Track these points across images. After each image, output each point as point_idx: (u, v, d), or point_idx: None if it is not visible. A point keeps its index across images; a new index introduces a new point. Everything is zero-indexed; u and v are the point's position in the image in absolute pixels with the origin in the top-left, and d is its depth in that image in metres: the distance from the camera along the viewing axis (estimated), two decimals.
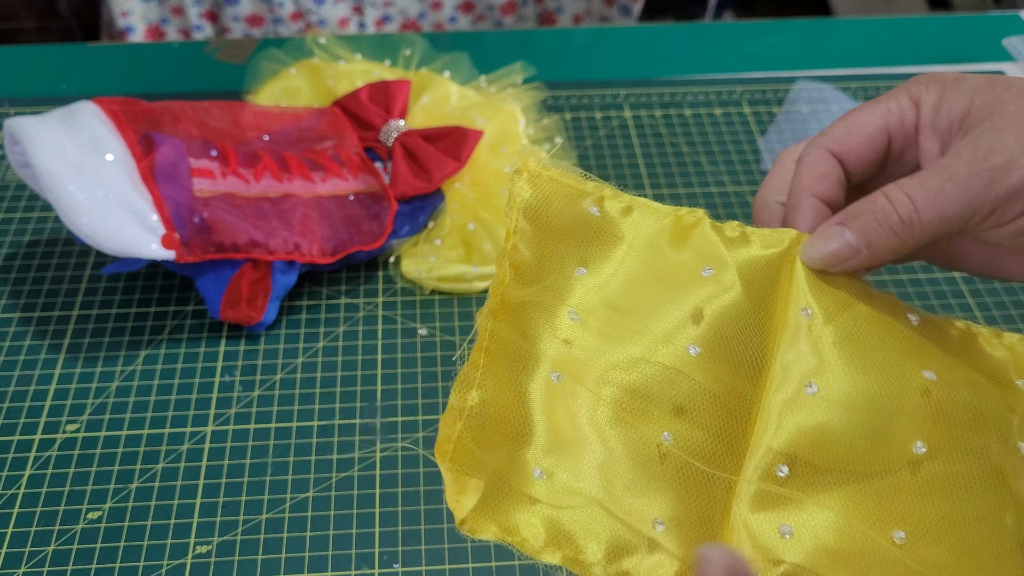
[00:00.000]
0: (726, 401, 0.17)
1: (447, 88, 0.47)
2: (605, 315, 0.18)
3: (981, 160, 0.17)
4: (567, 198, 0.19)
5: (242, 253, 0.37)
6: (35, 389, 0.37)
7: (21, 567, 0.31)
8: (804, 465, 0.17)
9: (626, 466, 0.17)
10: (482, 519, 0.17)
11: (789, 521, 0.17)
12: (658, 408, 0.17)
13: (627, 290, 0.18)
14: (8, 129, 0.36)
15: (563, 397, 0.18)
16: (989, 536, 0.16)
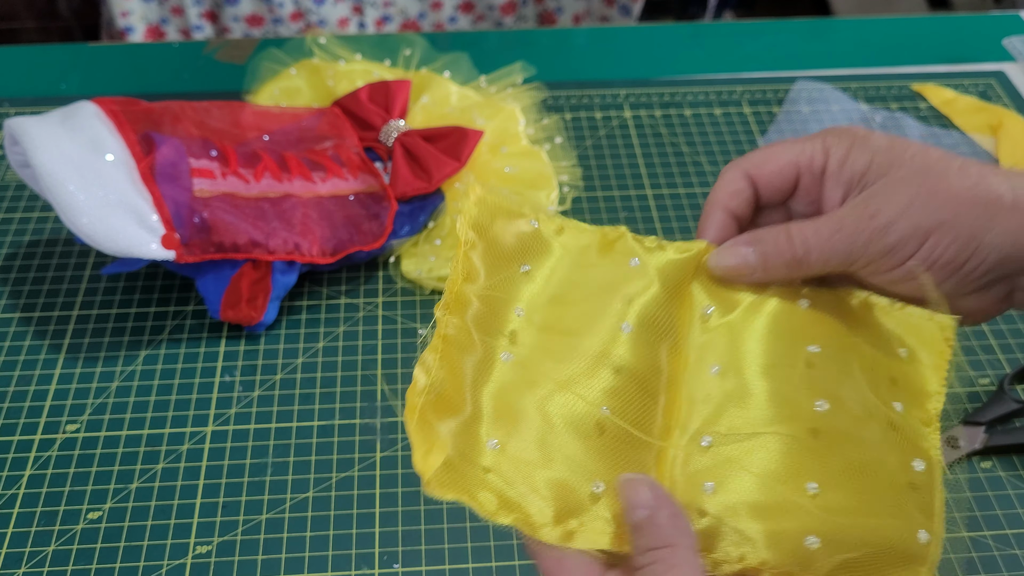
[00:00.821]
0: (653, 380, 0.20)
1: (447, 88, 0.47)
2: (546, 311, 0.21)
3: (867, 219, 0.20)
4: (508, 217, 0.22)
5: (242, 253, 0.37)
6: (35, 389, 0.37)
7: (21, 567, 0.31)
8: (723, 433, 0.20)
9: (567, 439, 0.20)
10: (444, 484, 0.20)
11: (713, 479, 0.19)
12: (595, 388, 0.20)
13: (564, 289, 0.22)
14: (8, 129, 0.36)
15: (510, 380, 0.21)
16: (884, 479, 0.19)
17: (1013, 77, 0.53)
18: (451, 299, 0.21)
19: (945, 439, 0.35)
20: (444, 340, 0.22)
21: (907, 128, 0.50)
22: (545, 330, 0.21)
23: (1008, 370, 0.38)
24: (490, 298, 0.21)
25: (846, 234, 0.20)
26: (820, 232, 0.21)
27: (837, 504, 0.19)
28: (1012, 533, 0.33)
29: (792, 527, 0.19)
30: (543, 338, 0.21)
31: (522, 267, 0.21)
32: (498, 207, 0.22)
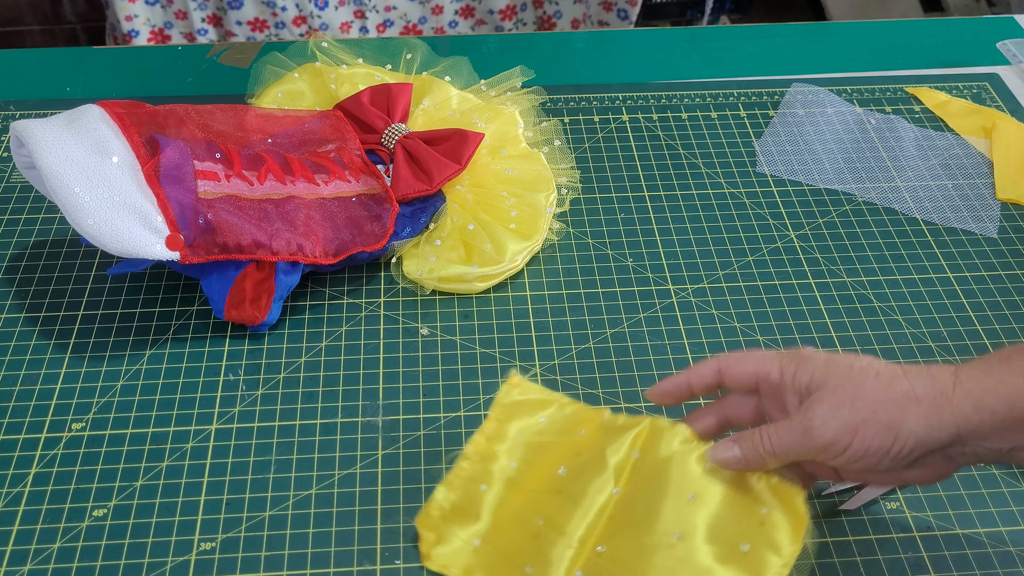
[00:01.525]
0: (574, 507, 0.31)
1: (448, 92, 0.47)
2: (525, 465, 0.33)
3: (808, 422, 0.27)
4: (531, 408, 0.35)
5: (246, 254, 0.37)
6: (41, 388, 0.37)
7: (27, 564, 0.32)
8: (613, 545, 0.30)
9: (520, 539, 0.31)
10: (438, 561, 0.32)
11: (602, 573, 0.30)
12: (539, 511, 0.31)
13: (540, 454, 0.33)
14: (14, 132, 0.37)
15: (504, 505, 0.32)
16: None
17: (1007, 80, 0.54)
18: (472, 449, 0.34)
19: None
20: (462, 475, 0.33)
21: (901, 130, 0.51)
22: (522, 474, 0.33)
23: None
24: (496, 453, 0.33)
25: (796, 437, 0.28)
26: (780, 436, 0.28)
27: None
28: (1006, 530, 0.33)
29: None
30: (522, 480, 0.32)
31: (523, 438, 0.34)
32: (527, 399, 0.35)
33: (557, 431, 0.33)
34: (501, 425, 0.34)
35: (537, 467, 0.32)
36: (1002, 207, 0.47)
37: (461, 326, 0.40)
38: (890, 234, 0.45)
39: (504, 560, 0.31)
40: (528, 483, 0.32)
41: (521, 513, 0.31)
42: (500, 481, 0.32)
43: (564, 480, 0.31)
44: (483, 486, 0.32)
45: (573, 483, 0.31)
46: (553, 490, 0.31)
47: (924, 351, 0.39)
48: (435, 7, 0.94)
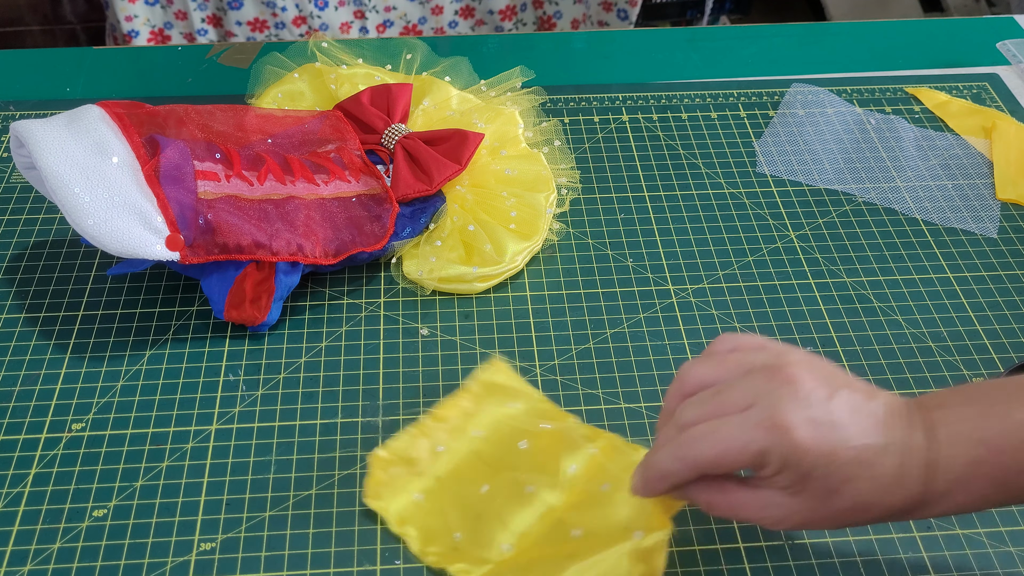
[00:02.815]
0: (523, 505, 0.32)
1: (447, 92, 0.47)
2: (486, 443, 0.34)
3: (758, 508, 0.26)
4: (507, 393, 0.35)
5: (246, 254, 0.37)
6: (41, 388, 0.37)
7: (27, 564, 0.32)
8: (539, 552, 0.31)
9: (461, 509, 0.32)
10: (378, 501, 0.33)
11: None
12: (489, 492, 0.32)
13: (504, 434, 0.34)
14: (14, 132, 0.37)
15: (456, 472, 0.33)
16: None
17: (1007, 80, 0.54)
18: (441, 414, 0.35)
19: None
20: (421, 429, 0.34)
21: (901, 130, 0.51)
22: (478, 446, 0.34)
23: (1002, 369, 0.39)
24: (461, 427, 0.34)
25: (753, 517, 0.26)
26: (736, 512, 0.27)
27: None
28: (1006, 530, 0.33)
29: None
30: (482, 456, 0.33)
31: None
32: (498, 385, 0.35)
33: (526, 418, 0.34)
34: (475, 398, 0.35)
35: (498, 446, 0.33)
36: (1002, 207, 0.47)
37: (461, 326, 0.40)
38: (890, 234, 0.45)
39: (439, 520, 0.31)
40: (485, 459, 0.33)
41: (470, 485, 0.32)
42: (459, 448, 0.33)
43: (520, 471, 0.32)
44: (440, 447, 0.33)
45: (528, 477, 0.32)
46: (509, 476, 0.32)
47: (924, 351, 0.39)
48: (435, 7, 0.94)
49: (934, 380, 0.38)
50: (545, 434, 0.33)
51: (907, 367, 0.39)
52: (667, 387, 0.29)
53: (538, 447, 0.33)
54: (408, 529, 0.32)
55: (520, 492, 0.31)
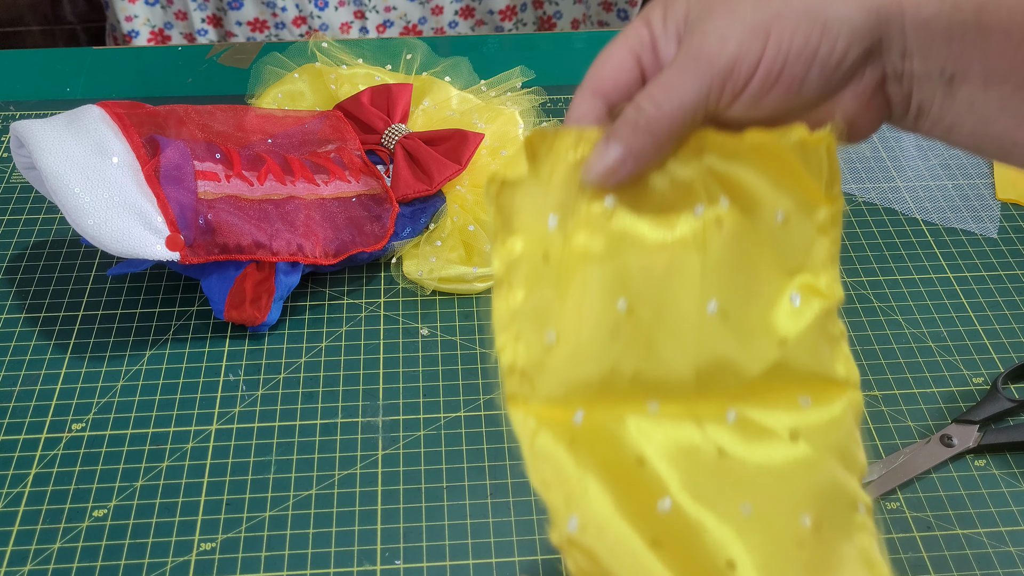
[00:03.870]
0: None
1: (448, 92, 0.47)
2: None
3: (699, 45, 0.19)
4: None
5: (246, 254, 0.37)
6: (41, 388, 0.37)
7: (27, 564, 0.32)
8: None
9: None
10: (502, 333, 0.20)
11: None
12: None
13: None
14: (14, 132, 0.37)
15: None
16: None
17: None
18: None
19: (939, 437, 0.35)
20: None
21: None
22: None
23: (1002, 369, 0.39)
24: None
25: (685, 68, 0.19)
26: (662, 81, 0.19)
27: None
28: (1006, 530, 0.33)
29: None
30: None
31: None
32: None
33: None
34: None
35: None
36: (1002, 207, 0.47)
37: (461, 326, 0.40)
38: (890, 234, 0.45)
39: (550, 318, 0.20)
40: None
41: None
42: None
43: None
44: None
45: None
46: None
47: (924, 351, 0.39)
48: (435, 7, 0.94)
49: (934, 380, 0.38)
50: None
51: (907, 367, 0.39)
52: None
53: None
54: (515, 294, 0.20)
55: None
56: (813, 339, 0.20)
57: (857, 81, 0.20)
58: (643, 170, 0.20)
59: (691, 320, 0.20)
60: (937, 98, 0.20)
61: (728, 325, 0.20)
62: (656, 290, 0.20)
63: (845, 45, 0.19)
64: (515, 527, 0.33)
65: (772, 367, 0.20)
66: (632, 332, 0.20)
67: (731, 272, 0.20)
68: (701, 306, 0.20)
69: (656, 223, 0.20)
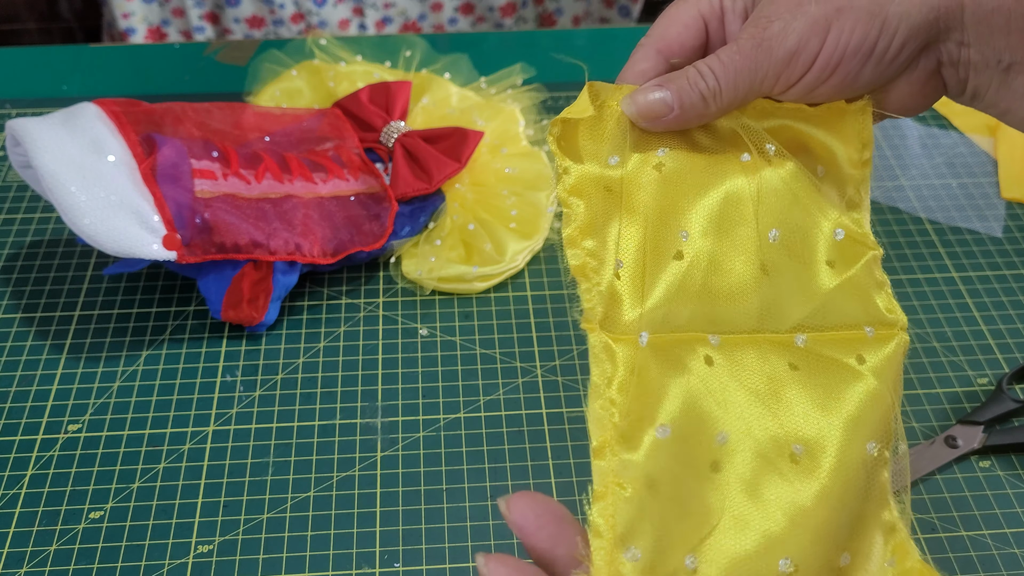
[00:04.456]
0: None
1: (447, 89, 0.47)
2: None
3: (761, 31, 0.20)
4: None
5: (243, 254, 0.37)
6: (37, 389, 0.37)
7: (23, 567, 0.31)
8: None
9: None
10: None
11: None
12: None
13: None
14: (10, 130, 0.37)
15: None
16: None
17: None
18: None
19: (943, 439, 0.35)
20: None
21: (905, 128, 0.50)
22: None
23: (1007, 370, 0.38)
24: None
25: (746, 54, 0.20)
26: (722, 59, 0.20)
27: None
28: (1011, 532, 0.33)
29: None
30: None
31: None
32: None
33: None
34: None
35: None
36: (1007, 206, 0.46)
37: (461, 326, 0.39)
38: (894, 233, 0.45)
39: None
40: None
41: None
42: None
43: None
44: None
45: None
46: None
47: (929, 351, 0.39)
48: (434, 4, 0.93)
49: (938, 380, 0.38)
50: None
51: (911, 367, 0.38)
52: None
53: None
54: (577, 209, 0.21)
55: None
56: (864, 280, 0.21)
57: (912, 70, 0.20)
58: (685, 125, 0.21)
59: (753, 249, 0.21)
60: (993, 84, 0.20)
61: (790, 254, 0.21)
62: (717, 223, 0.21)
63: (902, 40, 0.19)
64: None
65: (830, 298, 0.20)
66: (695, 264, 0.21)
67: (785, 207, 0.21)
68: (763, 235, 0.21)
69: (708, 166, 0.21)
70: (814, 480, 0.19)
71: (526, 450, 0.35)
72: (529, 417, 0.36)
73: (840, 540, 0.19)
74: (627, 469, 0.19)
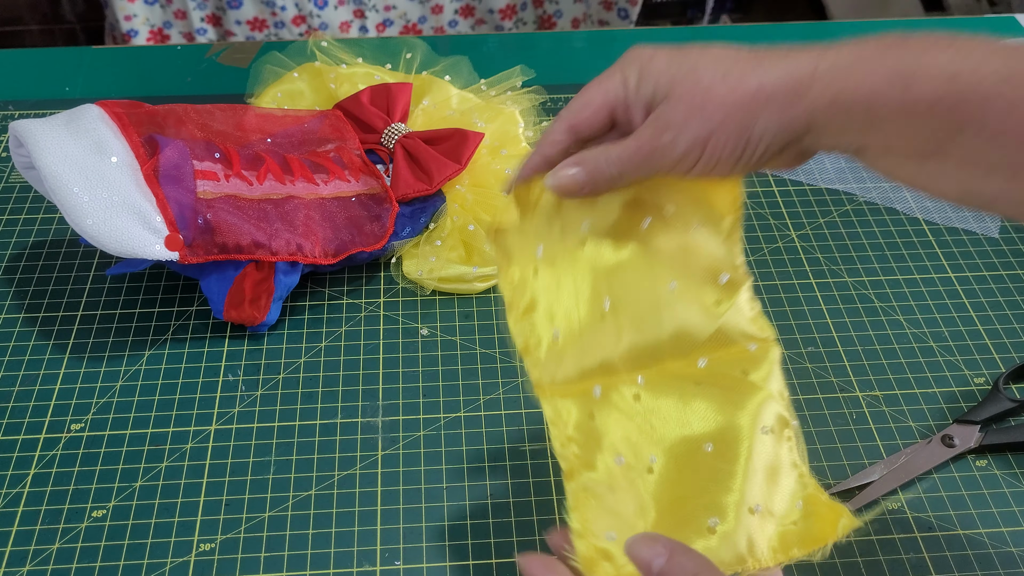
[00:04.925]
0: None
1: (447, 91, 0.47)
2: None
3: (657, 138, 0.25)
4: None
5: (245, 254, 0.37)
6: (40, 389, 0.37)
7: (26, 565, 0.31)
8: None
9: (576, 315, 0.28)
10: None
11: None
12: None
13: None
14: (13, 132, 0.37)
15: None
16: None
17: None
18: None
19: (940, 438, 0.35)
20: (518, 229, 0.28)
21: None
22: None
23: (1003, 369, 0.39)
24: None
25: (644, 153, 0.25)
26: (627, 151, 0.25)
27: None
28: (1008, 531, 0.33)
29: None
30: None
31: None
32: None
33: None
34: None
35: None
36: None
37: (461, 326, 0.40)
38: (891, 234, 0.45)
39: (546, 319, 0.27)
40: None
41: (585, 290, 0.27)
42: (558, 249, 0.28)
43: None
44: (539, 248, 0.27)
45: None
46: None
47: (925, 351, 0.39)
48: (435, 6, 0.93)
49: (935, 380, 0.38)
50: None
51: (908, 367, 0.39)
52: None
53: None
54: (516, 300, 0.27)
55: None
56: (745, 307, 0.28)
57: (777, 159, 0.26)
58: (594, 195, 0.27)
59: (661, 298, 0.27)
60: (847, 151, 0.25)
61: (687, 299, 0.27)
62: (631, 283, 0.27)
63: (764, 148, 0.25)
64: (515, 528, 0.33)
65: (721, 326, 0.27)
66: (616, 319, 0.27)
67: (679, 262, 0.27)
68: (665, 286, 0.27)
69: (618, 235, 0.27)
70: (727, 462, 0.26)
71: (526, 450, 0.35)
72: (529, 417, 0.36)
73: (752, 497, 0.25)
74: (590, 484, 0.25)
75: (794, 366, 0.38)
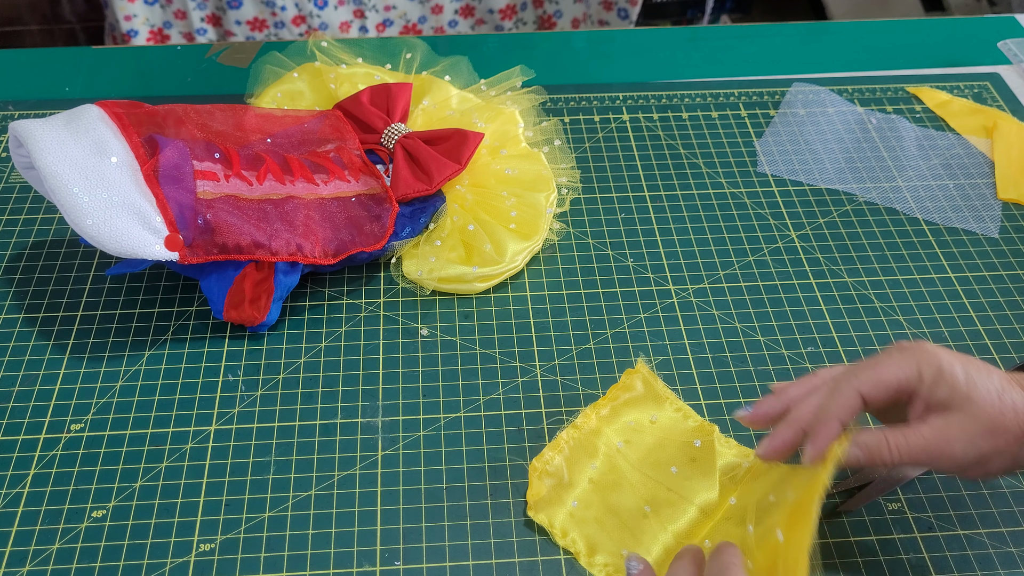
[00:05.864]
0: (686, 506, 0.33)
1: (447, 91, 0.47)
2: (632, 450, 0.35)
3: (946, 445, 0.29)
4: (645, 402, 0.37)
5: (245, 254, 0.37)
6: (40, 389, 0.37)
7: (26, 565, 0.31)
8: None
9: (618, 517, 0.33)
10: (540, 514, 0.33)
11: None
12: (647, 498, 0.34)
13: (648, 446, 0.36)
14: (13, 132, 0.37)
15: (605, 479, 0.34)
16: None
17: (1008, 79, 0.54)
18: (583, 423, 0.35)
19: None
20: (567, 441, 0.35)
21: (903, 130, 0.50)
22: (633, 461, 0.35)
23: (1003, 368, 0.38)
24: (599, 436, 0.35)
25: (929, 453, 0.29)
26: (910, 445, 0.29)
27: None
28: (1007, 531, 0.33)
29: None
30: (629, 465, 0.34)
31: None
32: (639, 397, 0.37)
33: (667, 429, 0.35)
34: (615, 408, 0.36)
35: (645, 455, 0.34)
36: (1003, 207, 0.47)
37: (461, 326, 0.40)
38: (891, 234, 0.45)
39: (599, 530, 0.32)
40: (633, 468, 0.34)
41: (624, 493, 0.33)
42: (604, 456, 0.34)
43: (676, 479, 0.33)
44: (592, 464, 0.34)
45: (683, 484, 0.33)
46: (664, 485, 0.33)
47: None
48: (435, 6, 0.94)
49: None
50: (698, 452, 0.34)
51: None
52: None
53: (691, 471, 0.33)
54: (572, 539, 0.32)
55: (686, 502, 0.33)
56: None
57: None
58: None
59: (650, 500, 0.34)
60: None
61: (679, 484, 0.34)
62: (633, 494, 0.33)
63: (1020, 468, 0.29)
64: (515, 528, 0.33)
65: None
66: (620, 518, 0.33)
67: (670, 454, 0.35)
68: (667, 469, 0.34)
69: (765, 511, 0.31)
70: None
71: (526, 449, 0.35)
72: (529, 417, 0.36)
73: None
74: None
75: (794, 366, 0.39)
